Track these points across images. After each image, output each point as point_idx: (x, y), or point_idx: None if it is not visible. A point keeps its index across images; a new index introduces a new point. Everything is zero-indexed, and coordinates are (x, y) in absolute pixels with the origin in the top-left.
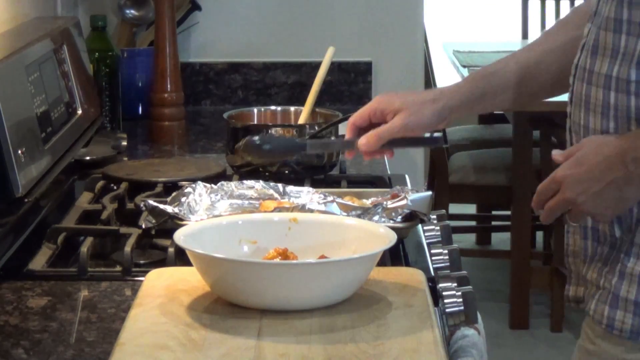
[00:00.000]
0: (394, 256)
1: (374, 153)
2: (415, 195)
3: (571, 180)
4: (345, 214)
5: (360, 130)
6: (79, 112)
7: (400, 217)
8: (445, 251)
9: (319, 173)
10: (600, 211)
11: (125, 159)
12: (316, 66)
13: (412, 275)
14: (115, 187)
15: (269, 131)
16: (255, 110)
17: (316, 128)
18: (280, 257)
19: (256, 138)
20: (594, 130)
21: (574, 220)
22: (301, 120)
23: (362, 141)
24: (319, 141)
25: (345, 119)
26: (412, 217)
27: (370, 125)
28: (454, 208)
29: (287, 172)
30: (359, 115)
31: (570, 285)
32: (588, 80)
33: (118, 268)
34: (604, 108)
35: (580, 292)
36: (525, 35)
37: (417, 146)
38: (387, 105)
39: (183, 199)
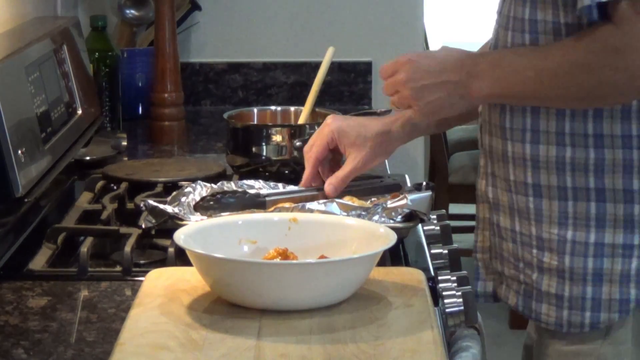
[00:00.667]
0: (394, 256)
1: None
2: (415, 195)
3: (410, 66)
4: (345, 214)
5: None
6: (79, 112)
7: (400, 217)
8: (445, 251)
9: None
10: (420, 104)
11: (125, 159)
12: (316, 66)
13: (412, 275)
14: (115, 187)
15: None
16: (256, 110)
17: (316, 128)
18: (280, 257)
19: (219, 196)
20: (502, 128)
21: (396, 103)
22: (301, 120)
23: (329, 188)
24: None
25: None
26: (412, 217)
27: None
28: (454, 208)
29: (287, 172)
30: (320, 150)
31: (479, 281)
32: None
33: (118, 268)
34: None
35: (489, 287)
36: None
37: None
38: (343, 138)
39: (183, 199)
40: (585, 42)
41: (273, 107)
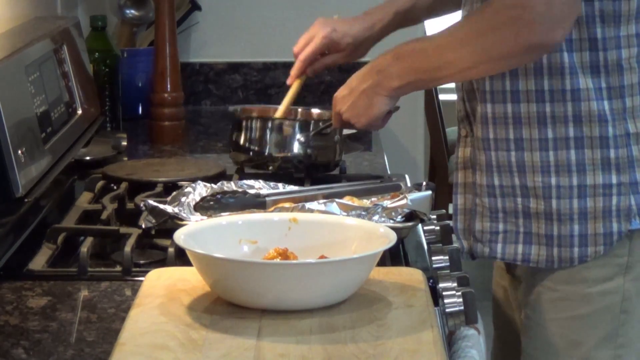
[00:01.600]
0: (394, 256)
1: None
2: (415, 195)
3: (337, 97)
4: (345, 214)
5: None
6: (79, 112)
7: (400, 216)
8: (445, 251)
9: (323, 170)
10: (356, 118)
11: (125, 159)
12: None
13: (412, 275)
14: (115, 187)
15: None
16: (259, 107)
17: (320, 124)
18: (280, 257)
19: (219, 196)
20: (482, 91)
21: (336, 125)
22: (277, 115)
23: (310, 70)
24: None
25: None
26: (412, 217)
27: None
28: None
29: (290, 168)
30: (312, 53)
31: (463, 240)
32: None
33: (118, 268)
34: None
35: (467, 245)
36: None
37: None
38: (336, 45)
39: (183, 199)
40: (474, 13)
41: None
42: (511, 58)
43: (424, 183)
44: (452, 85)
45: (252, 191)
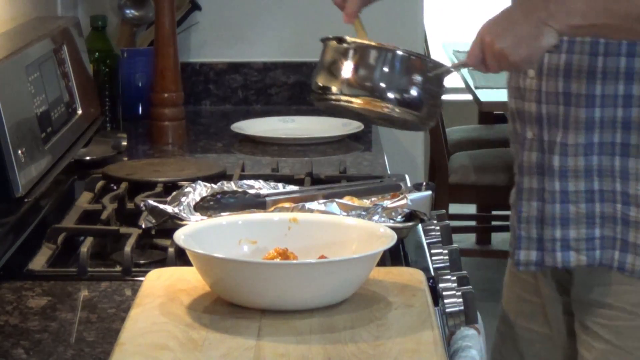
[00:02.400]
0: (394, 256)
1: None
2: (415, 195)
3: (487, 25)
4: (345, 214)
5: None
6: (79, 112)
7: (400, 216)
8: (445, 251)
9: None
10: (514, 49)
11: (125, 159)
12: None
13: (412, 275)
14: (115, 187)
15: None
16: None
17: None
18: (280, 257)
19: (219, 196)
20: (578, 96)
21: (500, 65)
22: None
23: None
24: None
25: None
26: (412, 217)
27: None
28: (454, 208)
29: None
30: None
31: (521, 250)
32: None
33: (118, 268)
34: None
35: (532, 255)
36: None
37: None
38: None
39: (183, 199)
40: None
41: None
42: None
43: (424, 183)
44: (451, 84)
45: (252, 191)
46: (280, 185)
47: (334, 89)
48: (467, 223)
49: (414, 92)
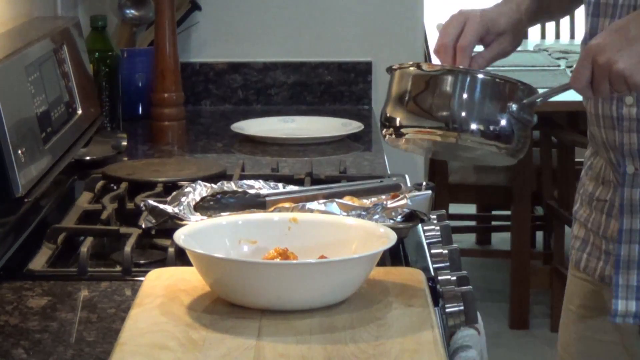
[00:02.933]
0: (394, 256)
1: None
2: (415, 195)
3: (599, 43)
4: (345, 214)
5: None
6: (79, 112)
7: (400, 217)
8: (445, 251)
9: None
10: (636, 69)
11: (125, 159)
12: (316, 66)
13: (412, 275)
14: (115, 187)
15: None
16: None
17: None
18: (280, 257)
19: (219, 196)
20: None
21: (615, 87)
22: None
23: (478, 61)
24: (279, 197)
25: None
26: (412, 217)
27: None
28: (454, 208)
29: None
30: (472, 40)
31: (619, 300)
32: None
33: (118, 268)
34: None
35: (631, 305)
36: (525, 35)
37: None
38: (493, 27)
39: (183, 199)
40: None
41: None
42: None
43: (424, 183)
44: None
45: (252, 191)
46: (280, 185)
47: (414, 122)
48: (467, 223)
49: (504, 122)
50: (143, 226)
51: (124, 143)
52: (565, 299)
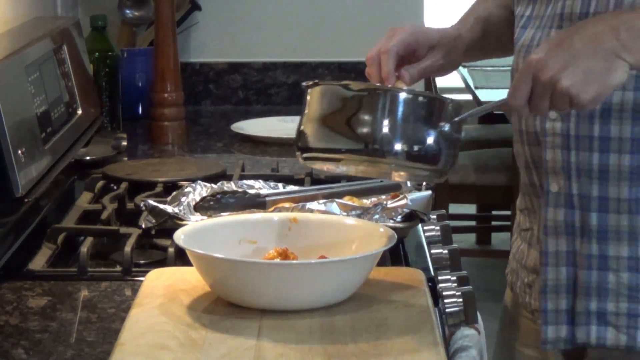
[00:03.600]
0: (394, 256)
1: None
2: (415, 195)
3: (540, 58)
4: (345, 214)
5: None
6: (79, 112)
7: (400, 216)
8: (445, 251)
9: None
10: (583, 87)
11: (125, 159)
12: (316, 66)
13: (412, 275)
14: (115, 187)
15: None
16: None
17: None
18: (280, 257)
19: (219, 196)
20: (619, 139)
21: (557, 106)
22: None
23: (405, 74)
24: (279, 197)
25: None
26: (412, 217)
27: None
28: (454, 208)
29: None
30: (400, 45)
31: (549, 326)
32: None
33: (118, 268)
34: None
35: (562, 331)
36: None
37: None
38: (424, 40)
39: (183, 199)
40: None
41: None
42: None
43: (424, 183)
44: (451, 84)
45: (252, 191)
46: (280, 185)
47: (323, 144)
48: (467, 223)
49: (431, 141)
50: (143, 226)
51: (124, 143)
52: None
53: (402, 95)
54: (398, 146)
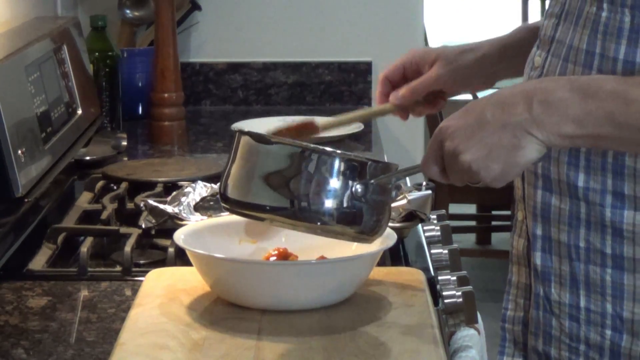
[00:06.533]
0: (394, 256)
1: (416, 111)
2: (415, 195)
3: (449, 126)
4: None
5: (393, 86)
6: (79, 112)
7: (400, 216)
8: (445, 251)
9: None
10: (485, 163)
11: (125, 159)
12: (316, 66)
13: (412, 275)
14: (115, 187)
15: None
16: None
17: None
18: (280, 257)
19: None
20: (573, 186)
21: (465, 179)
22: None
23: (393, 94)
24: None
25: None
26: (412, 217)
27: (403, 80)
28: (454, 208)
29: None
30: (393, 68)
31: (505, 356)
32: None
33: (118, 268)
34: None
35: None
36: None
37: None
38: (423, 57)
39: (183, 199)
40: None
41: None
42: None
43: (424, 183)
44: None
45: None
46: None
47: (248, 199)
48: (467, 223)
49: (347, 203)
50: (143, 226)
51: (124, 143)
52: None
53: (315, 157)
54: (315, 206)
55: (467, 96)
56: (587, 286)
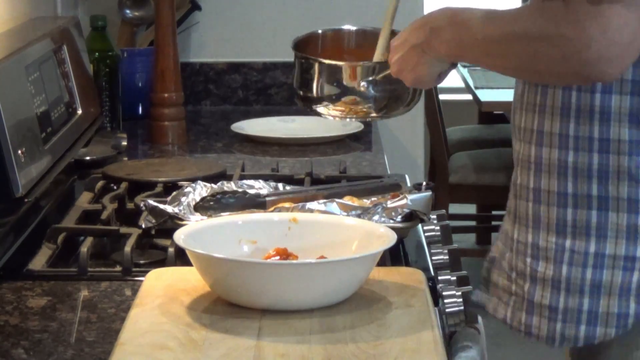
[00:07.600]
0: (394, 256)
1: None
2: (415, 195)
3: (392, 44)
4: (345, 214)
5: None
6: (79, 112)
7: (400, 217)
8: (445, 251)
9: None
10: (403, 74)
11: (125, 159)
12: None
13: (412, 275)
14: (115, 187)
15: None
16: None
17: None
18: (280, 257)
19: (219, 196)
20: (517, 127)
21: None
22: (376, 58)
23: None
24: (279, 197)
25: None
26: (412, 217)
27: None
28: (454, 208)
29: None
30: None
31: (479, 292)
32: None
33: (118, 268)
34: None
35: (482, 298)
36: None
37: None
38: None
39: (183, 199)
40: (530, 12)
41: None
42: (547, 77)
43: (424, 183)
44: (451, 84)
45: (252, 191)
46: (280, 185)
47: (309, 96)
48: (467, 223)
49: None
50: (143, 226)
51: (124, 143)
52: None
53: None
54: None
55: (466, 96)
56: (519, 219)
